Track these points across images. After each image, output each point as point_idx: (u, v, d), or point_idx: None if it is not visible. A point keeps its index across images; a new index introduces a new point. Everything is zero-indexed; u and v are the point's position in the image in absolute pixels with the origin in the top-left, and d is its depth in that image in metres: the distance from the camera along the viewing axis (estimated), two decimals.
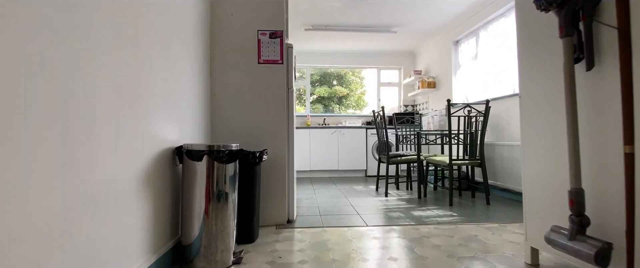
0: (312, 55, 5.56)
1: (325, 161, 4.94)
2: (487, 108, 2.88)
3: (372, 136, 5.01)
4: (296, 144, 4.77)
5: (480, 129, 2.90)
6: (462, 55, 4.20)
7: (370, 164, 4.99)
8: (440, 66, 4.69)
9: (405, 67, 5.72)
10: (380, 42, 5.14)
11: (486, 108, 2.88)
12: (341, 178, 4.80)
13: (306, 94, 5.74)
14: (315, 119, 5.57)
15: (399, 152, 3.44)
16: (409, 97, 5.70)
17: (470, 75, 4.01)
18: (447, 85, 4.47)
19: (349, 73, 9.65)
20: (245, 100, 2.24)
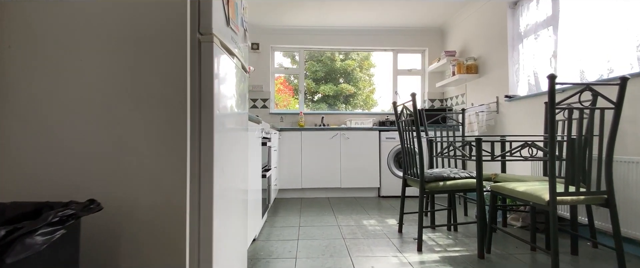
0: (305, 33, 4.21)
1: (322, 175, 3.58)
2: (621, 92, 1.48)
3: (388, 141, 3.63)
4: (283, 152, 3.41)
5: (609, 135, 1.51)
6: (527, 21, 2.79)
7: (386, 180, 3.61)
8: (486, 41, 3.29)
9: (430, 49, 4.32)
10: (397, 13, 3.76)
11: (620, 93, 1.48)
12: (344, 201, 3.44)
13: (299, 85, 4.39)
14: (310, 119, 4.22)
15: (442, 173, 2.06)
16: (437, 89, 4.29)
17: (542, 50, 2.60)
18: (499, 68, 3.06)
19: (356, 70, 8.31)
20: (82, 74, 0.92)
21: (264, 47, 4.18)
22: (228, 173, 1.13)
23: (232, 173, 1.20)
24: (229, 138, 1.14)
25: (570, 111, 1.64)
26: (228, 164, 1.13)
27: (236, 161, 1.26)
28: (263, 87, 4.15)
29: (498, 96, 3.07)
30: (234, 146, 1.22)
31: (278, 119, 4.18)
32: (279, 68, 4.38)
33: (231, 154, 1.17)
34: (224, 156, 1.07)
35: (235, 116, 1.24)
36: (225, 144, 1.09)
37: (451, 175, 1.99)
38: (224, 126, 1.07)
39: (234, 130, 1.21)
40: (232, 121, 1.18)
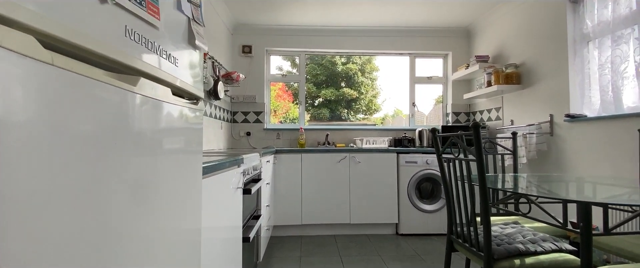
0: (307, 33, 3.56)
1: (327, 209, 2.91)
2: None
3: (408, 166, 2.96)
4: (279, 179, 2.75)
5: None
6: (597, 18, 2.13)
7: (405, 214, 2.94)
8: (533, 45, 2.64)
9: (454, 53, 3.67)
10: (416, 11, 3.11)
11: None
12: (355, 240, 2.76)
13: (300, 95, 3.72)
14: (312, 136, 3.55)
15: (510, 238, 1.39)
16: (463, 102, 3.63)
17: (623, 56, 1.94)
18: (554, 78, 2.41)
19: (358, 74, 7.72)
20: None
21: (258, 51, 3.53)
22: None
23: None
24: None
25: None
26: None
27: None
28: (256, 97, 3.49)
29: (553, 114, 2.41)
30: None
31: (274, 136, 3.51)
32: (276, 75, 3.72)
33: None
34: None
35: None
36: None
37: (528, 245, 1.32)
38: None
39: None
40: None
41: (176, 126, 0.68)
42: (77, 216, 0.40)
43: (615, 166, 1.94)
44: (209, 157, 1.37)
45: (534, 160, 2.53)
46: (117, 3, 0.46)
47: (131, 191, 0.52)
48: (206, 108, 2.66)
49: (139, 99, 0.53)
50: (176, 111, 0.66)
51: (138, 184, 0.54)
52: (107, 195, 0.46)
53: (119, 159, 0.48)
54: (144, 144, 0.56)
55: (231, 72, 2.97)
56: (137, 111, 0.53)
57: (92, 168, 0.43)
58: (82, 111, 0.41)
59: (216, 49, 2.91)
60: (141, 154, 0.55)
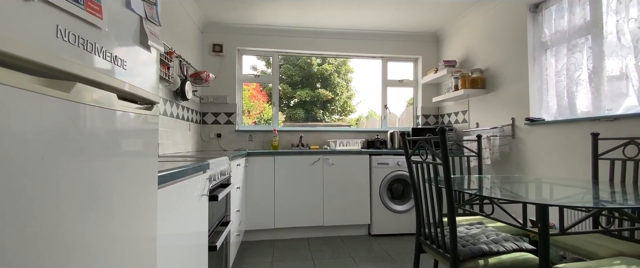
0: (281, 34, 3.51)
1: (300, 212, 2.88)
2: None
3: (380, 168, 3.00)
4: (251, 182, 2.68)
5: None
6: (554, 27, 2.27)
7: (377, 215, 2.98)
8: (496, 51, 2.76)
9: (424, 57, 3.77)
10: (388, 15, 3.16)
11: None
12: (328, 243, 2.76)
13: (273, 96, 3.66)
14: (286, 137, 3.50)
15: (475, 238, 1.44)
16: (432, 104, 3.74)
17: (578, 64, 2.08)
18: (515, 83, 2.53)
19: (334, 74, 7.77)
20: None
21: (229, 50, 3.43)
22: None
23: None
24: None
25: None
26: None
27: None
28: (227, 98, 3.39)
29: (514, 117, 2.53)
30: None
31: (246, 138, 3.43)
32: (248, 75, 3.64)
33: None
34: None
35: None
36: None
37: (491, 245, 1.37)
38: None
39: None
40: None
41: (124, 133, 0.63)
42: (15, 229, 0.35)
43: (570, 167, 2.07)
44: (173, 162, 1.30)
45: (498, 161, 2.65)
46: (46, 0, 0.41)
47: (74, 201, 0.47)
48: (173, 109, 2.54)
49: (76, 107, 0.47)
50: (124, 117, 0.61)
51: (83, 194, 0.49)
52: (46, 206, 0.40)
53: (57, 170, 0.43)
54: (86, 153, 0.50)
55: (200, 72, 2.86)
56: (75, 119, 0.47)
57: (27, 181, 0.37)
58: (9, 122, 0.35)
59: (184, 47, 2.80)
60: (83, 164, 0.49)
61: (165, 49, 2.28)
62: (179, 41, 2.67)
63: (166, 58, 2.27)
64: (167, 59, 2.28)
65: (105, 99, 0.54)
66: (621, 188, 1.46)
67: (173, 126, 2.54)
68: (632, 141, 1.60)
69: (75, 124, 0.47)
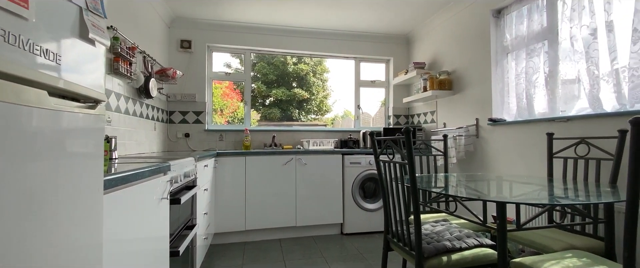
0: (253, 31, 3.44)
1: (272, 212, 2.84)
2: None
3: (353, 167, 3.02)
4: (221, 184, 2.59)
5: None
6: (515, 32, 2.39)
7: (350, 214, 3.00)
8: (463, 54, 2.86)
9: (396, 59, 3.84)
10: (360, 16, 3.20)
11: None
12: (300, 243, 2.74)
13: (245, 94, 3.58)
14: (259, 137, 3.44)
15: (439, 235, 1.48)
16: (403, 105, 3.82)
17: (535, 68, 2.20)
18: (479, 85, 2.64)
19: (309, 74, 7.76)
20: None
21: (199, 47, 3.31)
22: None
23: None
24: None
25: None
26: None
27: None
28: (196, 96, 3.27)
29: (478, 117, 2.64)
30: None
31: (216, 137, 3.33)
32: (219, 73, 3.53)
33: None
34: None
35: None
36: None
37: (454, 242, 1.41)
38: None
39: None
40: None
41: (61, 133, 0.57)
42: None
43: (529, 165, 2.19)
44: (132, 164, 1.23)
45: (463, 160, 2.76)
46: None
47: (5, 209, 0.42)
48: (136, 108, 2.41)
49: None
50: (60, 117, 0.55)
51: (16, 200, 0.44)
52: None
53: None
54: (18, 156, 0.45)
55: (166, 69, 2.75)
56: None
57: None
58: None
59: (149, 43, 2.67)
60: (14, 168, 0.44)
61: (128, 44, 2.16)
62: (143, 36, 2.54)
63: (128, 53, 2.15)
64: (129, 54, 2.16)
65: (34, 97, 0.48)
66: (573, 184, 1.56)
67: (136, 126, 2.41)
68: (583, 140, 1.71)
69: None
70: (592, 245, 1.49)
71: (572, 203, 1.32)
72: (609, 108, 1.74)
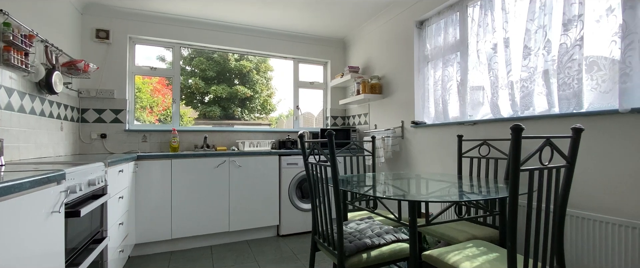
0: (184, 24, 3.23)
1: (202, 218, 2.69)
2: (576, 136, 1.22)
3: (290, 168, 3.02)
4: (143, 190, 2.37)
5: (562, 186, 1.22)
6: (434, 43, 2.62)
7: (286, 215, 2.99)
8: (391, 61, 3.06)
9: (333, 61, 3.95)
10: (298, 17, 3.22)
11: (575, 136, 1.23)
12: (234, 249, 2.65)
13: (174, 92, 3.34)
14: (189, 138, 3.24)
15: (361, 233, 1.55)
16: (340, 106, 3.94)
17: (450, 76, 2.45)
18: (404, 90, 2.85)
19: (253, 72, 7.54)
20: None
21: (118, 37, 2.99)
22: None
23: None
24: None
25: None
26: None
27: None
28: (115, 92, 2.95)
29: (404, 120, 2.85)
30: None
31: (139, 138, 3.04)
32: (143, 67, 3.23)
33: None
34: None
35: None
36: None
37: (374, 238, 1.49)
38: None
39: None
40: None
41: None
42: None
43: (444, 164, 2.42)
44: (19, 172, 1.05)
45: (390, 159, 2.95)
46: None
47: None
48: (35, 105, 2.08)
49: None
50: None
51: None
52: None
53: None
54: None
55: (76, 61, 2.43)
56: None
57: None
58: None
59: (54, 30, 2.32)
60: None
61: (23, 31, 1.85)
62: (46, 23, 2.20)
63: (23, 42, 1.85)
64: (24, 43, 1.85)
65: None
66: (477, 181, 1.77)
67: (34, 126, 2.08)
68: (485, 142, 1.95)
69: None
70: (491, 235, 1.70)
71: (469, 199, 1.50)
72: (506, 113, 2.01)
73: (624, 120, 1.45)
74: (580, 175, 1.59)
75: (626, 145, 1.44)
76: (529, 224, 1.14)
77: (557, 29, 1.72)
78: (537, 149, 1.10)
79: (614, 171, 1.48)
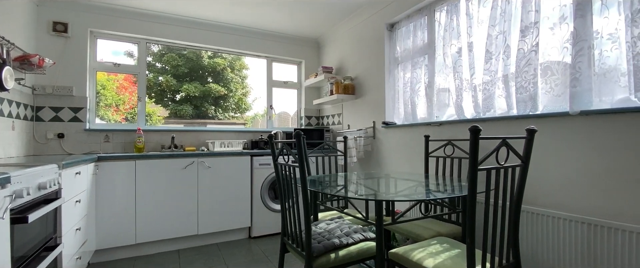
0: (149, 20, 3.09)
1: (169, 221, 2.59)
2: (530, 135, 1.30)
3: (262, 168, 2.98)
4: (104, 193, 2.24)
5: (517, 184, 1.29)
6: (404, 46, 2.69)
7: (258, 217, 2.95)
8: (363, 62, 3.10)
9: (307, 61, 3.94)
10: (272, 16, 3.19)
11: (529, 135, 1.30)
12: (202, 252, 2.57)
13: (139, 89, 3.18)
14: (155, 138, 3.11)
15: (330, 233, 1.56)
16: (314, 106, 3.95)
17: (418, 78, 2.52)
18: (376, 91, 2.90)
19: (227, 70, 7.35)
20: None
21: (78, 31, 2.81)
22: None
23: None
24: None
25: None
26: None
27: None
28: (74, 90, 2.77)
29: (375, 121, 2.90)
30: None
31: (101, 138, 2.88)
32: (106, 63, 3.06)
33: None
34: None
35: None
36: None
37: (343, 238, 1.51)
38: None
39: None
40: None
41: None
42: None
43: (412, 163, 2.49)
44: None
45: (363, 159, 2.99)
46: None
47: None
48: None
49: None
50: None
51: None
52: None
53: None
54: None
55: (30, 55, 2.26)
56: None
57: None
58: None
59: (3, 21, 2.14)
60: None
61: None
62: None
63: None
64: None
65: None
66: (442, 180, 1.83)
67: None
68: (450, 142, 2.03)
69: None
70: (455, 231, 1.77)
71: (432, 198, 1.56)
72: (469, 115, 2.10)
73: (574, 122, 1.56)
74: (535, 173, 1.69)
75: (576, 145, 1.55)
76: (487, 221, 1.19)
77: (515, 35, 1.81)
78: (494, 150, 1.16)
79: (565, 170, 1.59)
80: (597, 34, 1.51)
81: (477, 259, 1.20)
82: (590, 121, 1.50)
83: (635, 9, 1.36)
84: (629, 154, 1.37)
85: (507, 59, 1.85)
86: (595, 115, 1.48)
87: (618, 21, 1.45)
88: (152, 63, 6.53)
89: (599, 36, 1.50)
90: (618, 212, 1.40)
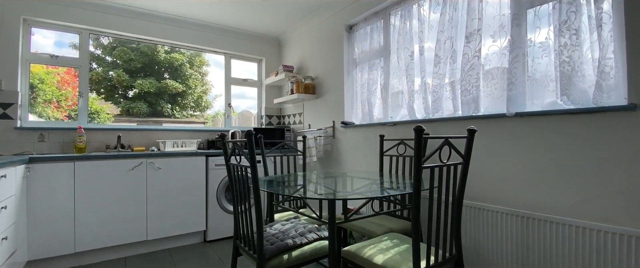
0: (92, 9, 2.85)
1: (114, 228, 2.41)
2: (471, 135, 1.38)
3: (219, 169, 2.87)
4: (38, 198, 2.01)
5: (459, 180, 1.37)
6: (361, 48, 2.74)
7: (214, 220, 2.84)
8: (323, 62, 3.12)
9: (268, 59, 3.88)
10: (231, 11, 3.09)
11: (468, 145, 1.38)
12: (152, 259, 2.42)
13: (81, 85, 2.92)
14: (99, 137, 2.87)
15: (284, 234, 1.54)
16: (275, 105, 3.89)
17: (374, 80, 2.59)
18: (335, 92, 2.93)
19: (185, 66, 7.00)
20: None
21: (9, 19, 2.52)
22: None
23: None
24: None
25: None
26: None
27: None
28: (3, 83, 2.48)
29: (335, 120, 2.93)
30: None
31: (35, 137, 2.60)
32: (42, 55, 2.77)
33: None
34: None
35: None
36: None
37: (297, 238, 1.50)
38: None
39: None
40: None
41: None
42: None
43: (369, 162, 2.55)
44: None
45: (323, 158, 3.01)
46: None
47: None
48: None
49: None
50: None
51: None
52: None
53: None
54: None
55: None
56: None
57: None
58: None
59: None
60: None
61: None
62: None
63: None
64: None
65: None
66: (395, 178, 1.89)
67: None
68: (402, 141, 2.10)
69: None
70: (406, 227, 1.84)
71: (382, 196, 1.61)
72: (420, 115, 2.19)
73: (510, 123, 1.69)
74: (477, 170, 1.81)
75: (512, 145, 1.68)
76: (431, 216, 1.25)
77: (461, 40, 1.93)
78: (437, 149, 1.22)
79: (503, 167, 1.72)
80: (530, 42, 1.65)
81: (422, 253, 1.26)
82: (524, 122, 1.63)
83: (562, 20, 1.50)
84: (554, 152, 1.51)
85: (453, 64, 1.96)
86: (528, 116, 1.61)
87: (548, 31, 1.60)
88: (102, 56, 6.03)
89: (532, 44, 1.64)
90: (545, 205, 1.54)
